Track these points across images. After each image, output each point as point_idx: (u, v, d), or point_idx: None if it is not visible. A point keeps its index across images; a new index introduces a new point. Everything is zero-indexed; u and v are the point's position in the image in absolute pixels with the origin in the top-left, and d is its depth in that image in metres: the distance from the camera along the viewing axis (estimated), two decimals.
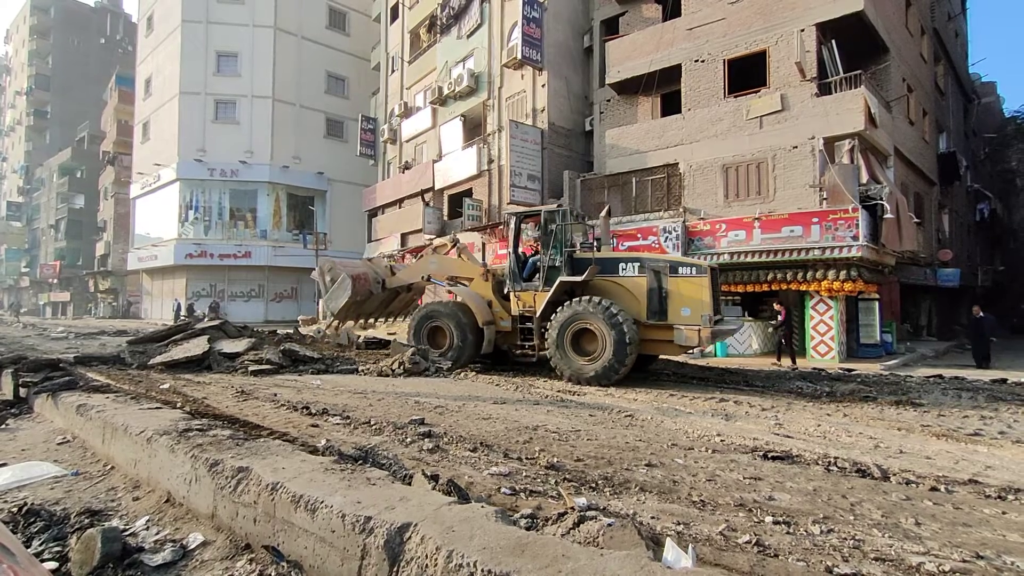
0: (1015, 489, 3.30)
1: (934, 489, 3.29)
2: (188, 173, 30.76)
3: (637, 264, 7.92)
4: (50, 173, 52.00)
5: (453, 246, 10.28)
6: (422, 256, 10.61)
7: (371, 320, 11.03)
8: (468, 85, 20.48)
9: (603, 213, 10.79)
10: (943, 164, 19.95)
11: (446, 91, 21.52)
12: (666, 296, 7.60)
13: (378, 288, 9.95)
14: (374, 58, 30.31)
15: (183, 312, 26.76)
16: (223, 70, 31.19)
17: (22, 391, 5.80)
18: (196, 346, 8.66)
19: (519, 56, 17.43)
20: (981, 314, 12.38)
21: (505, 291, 8.79)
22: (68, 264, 48.34)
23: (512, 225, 8.77)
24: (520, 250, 9.02)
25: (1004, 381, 8.44)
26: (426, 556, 1.82)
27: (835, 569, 2.17)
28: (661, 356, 9.26)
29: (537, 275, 8.42)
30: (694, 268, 7.67)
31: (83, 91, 55.60)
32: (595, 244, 8.39)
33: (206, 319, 20.43)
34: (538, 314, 8.08)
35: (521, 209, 9.66)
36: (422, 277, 9.94)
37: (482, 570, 1.66)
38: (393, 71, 26.60)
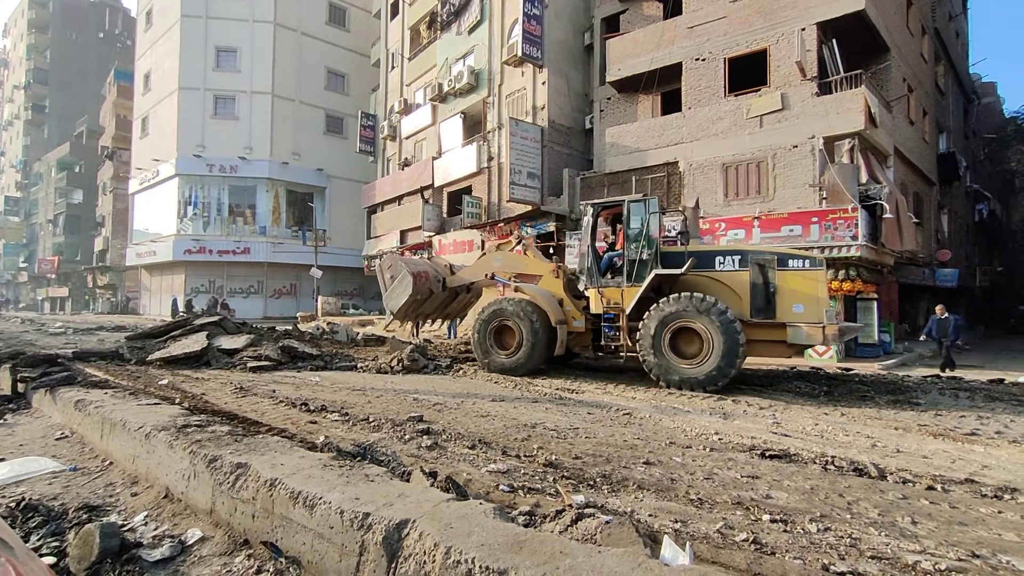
0: (1011, 488, 3.31)
1: (931, 488, 3.31)
2: (187, 169, 30.70)
3: (738, 257, 7.26)
4: (48, 168, 51.86)
5: (519, 242, 9.80)
6: (485, 253, 10.11)
7: (429, 322, 10.52)
8: (468, 82, 20.44)
9: (691, 204, 10.14)
10: (943, 164, 19.97)
11: (446, 88, 21.48)
12: (774, 292, 6.94)
13: (438, 287, 9.47)
14: (374, 54, 30.23)
15: (181, 308, 26.73)
16: (222, 65, 31.09)
17: (20, 386, 5.80)
18: (195, 342, 8.66)
19: (519, 53, 17.38)
20: (945, 314, 11.49)
21: (582, 288, 8.19)
22: (66, 259, 48.26)
23: (589, 217, 8.05)
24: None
25: (1001, 381, 8.46)
26: (424, 552, 1.82)
27: (832, 567, 2.18)
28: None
29: (609, 271, 7.90)
30: (807, 261, 7.01)
31: (81, 86, 55.42)
32: (680, 237, 7.76)
33: (219, 310, 20.41)
34: (627, 312, 7.40)
35: (599, 199, 8.99)
36: (486, 275, 9.36)
37: (480, 566, 1.67)
38: (393, 68, 26.54)
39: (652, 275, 7.21)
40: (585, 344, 8.30)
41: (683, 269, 7.16)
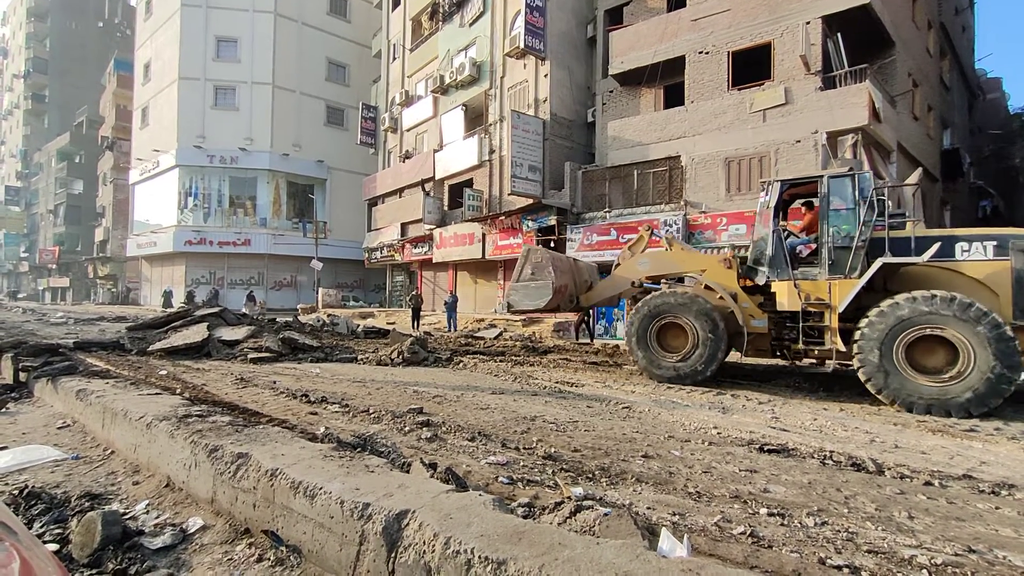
0: (1009, 484, 3.33)
1: (928, 484, 3.32)
2: (187, 159, 30.63)
3: (992, 243, 5.75)
4: (48, 158, 51.78)
5: (650, 235, 8.61)
6: (622, 261, 8.61)
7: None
8: (470, 74, 20.33)
9: (912, 177, 8.51)
10: (946, 160, 19.87)
11: (448, 80, 21.37)
12: None
13: (568, 306, 8.60)
14: (375, 45, 30.06)
15: (182, 299, 26.67)
16: (223, 55, 30.93)
17: (22, 375, 5.82)
18: (195, 333, 8.68)
19: (522, 45, 17.28)
20: None
21: (762, 281, 6.94)
22: (67, 250, 48.30)
23: (773, 196, 6.74)
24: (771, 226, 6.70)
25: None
26: (424, 542, 1.83)
27: (828, 561, 2.19)
28: None
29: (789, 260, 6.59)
30: None
31: (81, 75, 55.18)
32: (885, 219, 6.32)
33: (244, 306, 20.46)
34: (839, 310, 6.08)
35: (790, 175, 7.49)
36: (633, 284, 8.19)
37: (479, 557, 1.68)
38: (394, 59, 26.38)
39: (879, 265, 5.81)
40: (763, 347, 7.07)
41: (924, 258, 5.71)
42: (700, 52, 14.72)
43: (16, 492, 2.84)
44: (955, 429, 4.95)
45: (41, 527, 2.52)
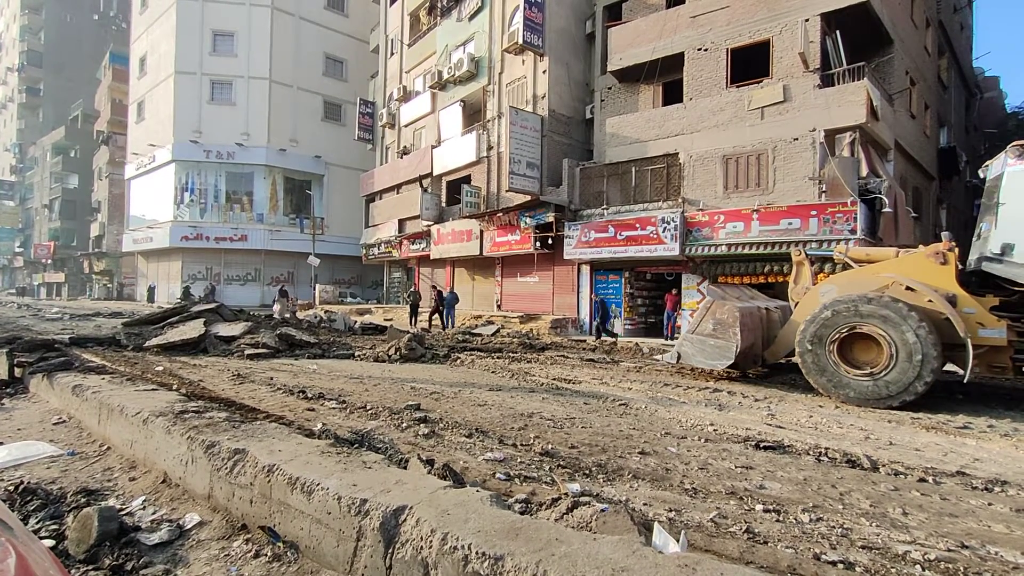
0: (1001, 481, 3.35)
1: (922, 480, 3.34)
2: (183, 155, 30.44)
3: None
4: (43, 152, 51.37)
5: (806, 258, 7.56)
6: (796, 298, 7.45)
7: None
8: (468, 70, 20.25)
9: None
10: (943, 159, 19.92)
11: (446, 75, 21.28)
12: None
13: (752, 365, 7.75)
14: (373, 40, 29.89)
15: (160, 295, 26.33)
16: (219, 49, 30.70)
17: (17, 371, 5.80)
18: (192, 329, 8.66)
19: (520, 41, 17.21)
20: (599, 299, 15.01)
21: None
22: (63, 245, 48.00)
23: None
24: None
25: (994, 377, 8.51)
26: (421, 538, 1.84)
27: (823, 556, 2.21)
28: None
29: None
30: None
31: (77, 68, 54.71)
32: None
33: (275, 303, 20.12)
34: None
35: None
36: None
37: (477, 552, 1.68)
38: (392, 54, 26.25)
39: None
40: (998, 363, 5.80)
41: None
42: (699, 49, 14.70)
43: (12, 488, 2.83)
44: (949, 426, 4.99)
45: (37, 523, 2.52)
